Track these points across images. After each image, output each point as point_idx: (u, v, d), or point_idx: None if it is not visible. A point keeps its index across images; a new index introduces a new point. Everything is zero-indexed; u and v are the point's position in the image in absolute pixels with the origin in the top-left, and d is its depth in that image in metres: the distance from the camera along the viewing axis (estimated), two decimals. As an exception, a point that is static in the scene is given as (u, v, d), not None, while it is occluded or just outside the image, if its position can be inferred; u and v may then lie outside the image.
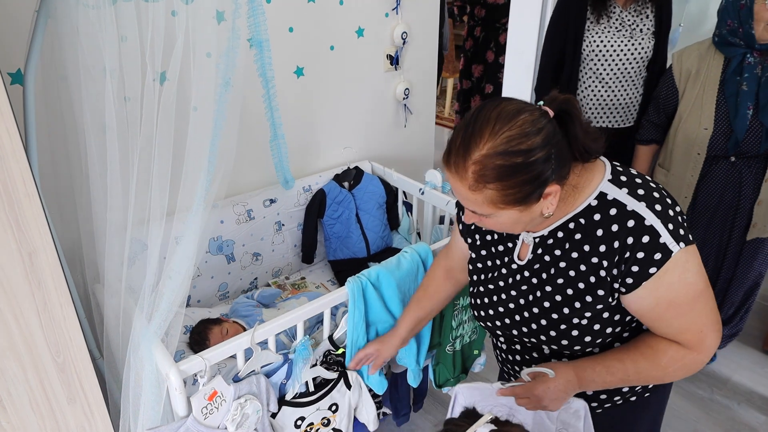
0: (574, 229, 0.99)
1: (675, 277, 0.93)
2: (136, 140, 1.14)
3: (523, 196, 0.89)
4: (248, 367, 1.28)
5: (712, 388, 2.35)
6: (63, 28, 1.13)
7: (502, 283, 1.11)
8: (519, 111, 0.88)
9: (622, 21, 2.21)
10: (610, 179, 0.98)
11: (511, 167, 0.86)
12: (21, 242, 0.93)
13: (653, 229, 0.92)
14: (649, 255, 0.92)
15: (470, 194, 0.91)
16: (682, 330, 0.98)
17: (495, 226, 0.98)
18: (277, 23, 1.81)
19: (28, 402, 1.03)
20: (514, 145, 0.86)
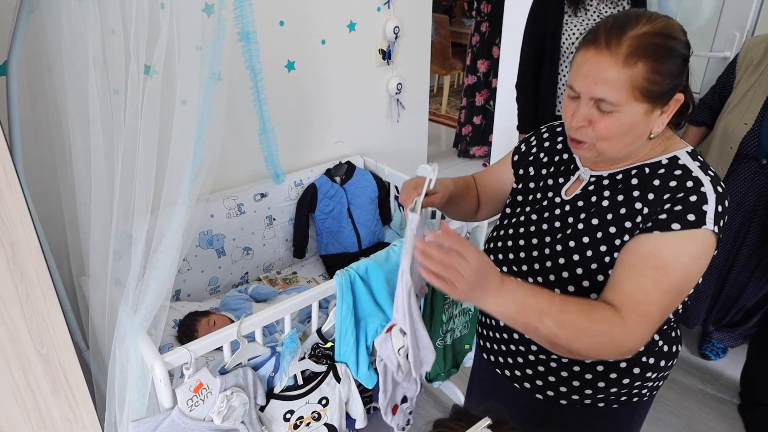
0: (635, 175, 0.98)
1: (689, 253, 0.90)
2: (120, 133, 1.14)
3: (662, 91, 0.89)
4: (235, 359, 1.29)
5: (704, 383, 2.36)
6: (47, 20, 1.13)
7: (535, 217, 1.09)
8: (667, 16, 0.91)
9: (600, 13, 2.22)
10: (689, 152, 0.98)
11: (668, 49, 0.88)
12: (2, 233, 0.93)
13: (705, 195, 0.90)
14: (685, 212, 0.90)
15: (618, 70, 0.88)
16: (638, 299, 0.90)
17: (608, 128, 0.93)
18: (267, 17, 1.81)
19: (12, 393, 1.03)
20: (672, 31, 0.88)
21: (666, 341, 1.07)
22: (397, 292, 1.12)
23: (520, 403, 1.16)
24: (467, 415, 0.86)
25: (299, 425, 1.48)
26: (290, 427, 1.46)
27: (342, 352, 1.48)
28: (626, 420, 1.14)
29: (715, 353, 2.43)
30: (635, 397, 1.09)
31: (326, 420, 1.54)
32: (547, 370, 1.09)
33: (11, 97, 1.12)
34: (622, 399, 1.08)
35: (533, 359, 1.10)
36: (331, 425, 1.56)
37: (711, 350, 2.43)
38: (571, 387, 1.08)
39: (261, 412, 1.40)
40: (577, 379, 1.07)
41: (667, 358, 1.07)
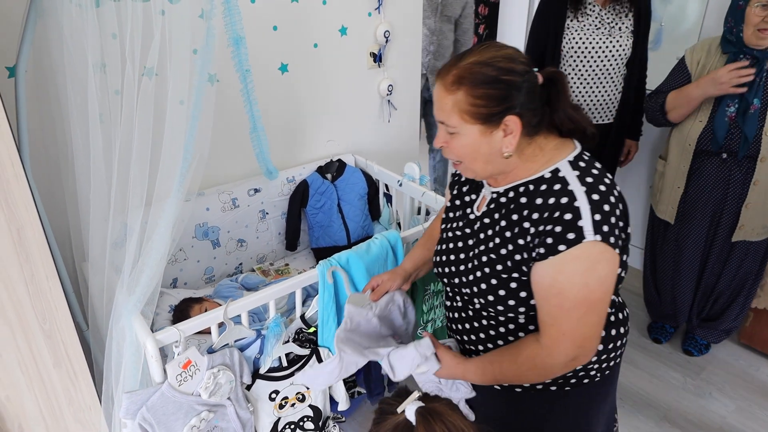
0: (523, 192, 1.07)
1: (579, 272, 0.98)
2: (117, 131, 1.24)
3: (487, 113, 1.00)
4: (222, 340, 1.39)
5: (685, 377, 2.42)
6: (51, 26, 1.23)
7: (459, 233, 1.20)
8: (508, 47, 1.03)
9: (602, 19, 2.27)
10: (570, 161, 1.05)
11: (485, 77, 0.99)
12: (10, 219, 1.04)
13: (578, 210, 0.97)
14: (564, 232, 0.97)
15: (445, 96, 1.02)
16: (553, 322, 1.03)
17: (458, 149, 1.06)
18: (261, 22, 1.91)
19: (18, 364, 1.14)
20: (495, 61, 0.99)
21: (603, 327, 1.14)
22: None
23: (483, 394, 1.26)
24: (405, 392, 0.96)
25: (284, 405, 1.58)
26: (276, 406, 1.56)
27: (324, 337, 1.57)
28: (584, 399, 1.23)
29: (697, 349, 2.50)
30: (585, 379, 1.18)
31: (310, 402, 1.64)
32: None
33: (19, 96, 1.23)
34: (572, 381, 1.17)
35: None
36: (315, 407, 1.66)
37: (694, 346, 2.51)
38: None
39: (248, 390, 1.50)
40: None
41: (606, 342, 1.16)
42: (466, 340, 1.25)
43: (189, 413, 1.34)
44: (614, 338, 1.18)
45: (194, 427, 1.35)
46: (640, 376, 2.44)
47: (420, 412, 0.89)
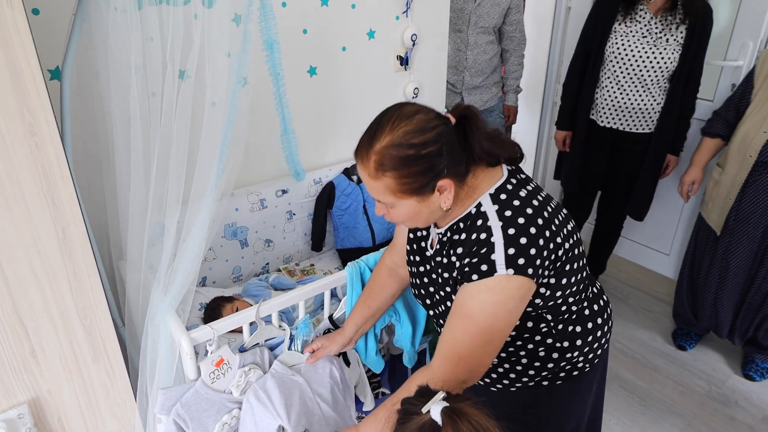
0: (455, 230, 1.12)
1: (490, 302, 1.01)
2: (156, 132, 1.27)
3: (418, 186, 1.02)
4: (253, 339, 1.41)
5: (710, 385, 2.40)
6: (96, 30, 1.27)
7: (422, 269, 1.26)
8: (416, 111, 1.02)
9: (650, 28, 2.23)
10: (491, 193, 1.08)
11: (405, 158, 0.99)
12: (56, 218, 1.07)
13: (492, 245, 1.02)
14: (479, 264, 1.02)
15: (372, 182, 1.04)
16: (450, 342, 1.05)
17: (399, 217, 1.10)
18: (292, 25, 1.93)
19: (59, 358, 1.17)
20: (408, 139, 0.99)
21: (575, 324, 1.20)
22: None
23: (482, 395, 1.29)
24: (429, 392, 0.96)
25: (311, 404, 1.60)
26: (303, 405, 1.58)
27: (352, 338, 1.59)
28: (575, 389, 1.30)
29: (759, 374, 2.40)
30: (575, 371, 1.24)
31: (337, 401, 1.66)
32: (489, 369, 1.26)
33: (64, 98, 1.26)
34: (561, 375, 1.24)
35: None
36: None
37: (755, 371, 2.41)
38: (510, 378, 1.26)
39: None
40: (513, 372, 1.24)
41: (586, 335, 1.22)
42: None
43: (221, 410, 1.36)
44: (594, 329, 1.23)
45: (225, 423, 1.37)
46: (663, 383, 2.42)
47: (446, 412, 0.89)
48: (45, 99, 0.98)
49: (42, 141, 1.00)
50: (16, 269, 1.05)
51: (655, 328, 2.77)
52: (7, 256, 1.03)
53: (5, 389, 1.12)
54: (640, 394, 2.37)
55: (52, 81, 1.48)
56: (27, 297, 1.08)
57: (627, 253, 3.26)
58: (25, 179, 1.00)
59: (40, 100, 0.98)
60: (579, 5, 3.12)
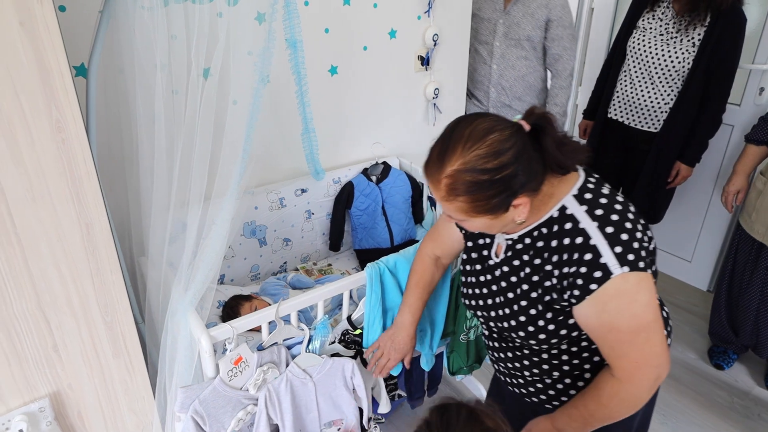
0: (537, 237, 1.08)
1: (623, 305, 0.98)
2: (180, 129, 1.27)
3: (491, 208, 0.98)
4: (271, 338, 1.41)
5: (732, 396, 2.35)
6: (121, 27, 1.27)
7: (482, 278, 1.22)
8: (490, 130, 0.95)
9: (668, 27, 2.20)
10: (575, 194, 1.04)
11: (478, 183, 0.95)
12: (80, 214, 1.08)
13: (596, 248, 0.98)
14: (590, 272, 0.98)
15: (445, 203, 1.01)
16: (619, 356, 1.04)
17: (471, 228, 1.08)
18: (314, 25, 1.93)
19: (80, 353, 1.18)
20: (482, 164, 0.94)
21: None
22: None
23: (520, 405, 1.31)
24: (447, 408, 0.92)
25: (327, 404, 1.60)
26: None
27: (370, 339, 1.58)
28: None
29: None
30: None
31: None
32: (545, 386, 1.24)
33: (90, 95, 1.27)
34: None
35: (520, 374, 1.27)
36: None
37: None
38: (549, 395, 1.24)
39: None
40: (573, 388, 1.21)
41: None
42: (506, 366, 1.29)
43: (237, 407, 1.36)
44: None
45: (241, 420, 1.37)
46: (683, 393, 2.37)
47: None
48: (72, 96, 0.99)
49: (68, 137, 1.01)
50: (41, 265, 1.06)
51: (675, 337, 2.72)
52: (33, 252, 1.04)
53: (27, 383, 1.13)
54: (658, 403, 2.32)
55: (77, 78, 1.49)
56: (51, 292, 1.09)
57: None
58: (51, 175, 1.01)
59: (67, 97, 0.98)
60: (602, 6, 3.07)
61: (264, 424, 1.38)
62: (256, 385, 1.35)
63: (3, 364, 1.08)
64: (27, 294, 1.06)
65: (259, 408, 1.37)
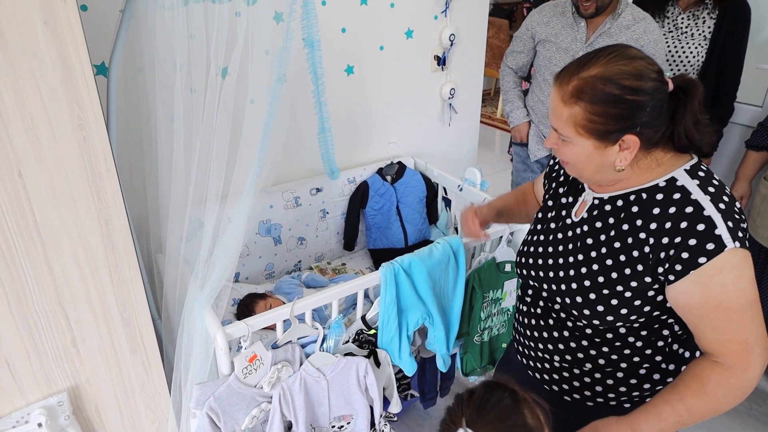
0: (633, 201, 1.01)
1: (729, 279, 0.92)
2: (198, 128, 1.28)
3: (605, 131, 0.94)
4: (286, 336, 1.42)
5: (750, 403, 2.31)
6: (142, 27, 1.29)
7: (551, 237, 1.15)
8: (641, 57, 0.94)
9: (677, 24, 2.19)
10: (687, 170, 0.99)
11: (607, 95, 0.92)
12: (100, 210, 1.09)
13: (711, 219, 0.92)
14: (702, 244, 0.92)
15: (561, 107, 0.96)
16: (727, 338, 0.95)
17: (569, 156, 1.02)
18: (331, 24, 1.93)
19: (98, 348, 1.19)
20: (622, 78, 0.91)
21: (687, 348, 1.11)
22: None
23: (551, 403, 1.22)
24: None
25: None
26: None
27: (384, 339, 1.58)
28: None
29: None
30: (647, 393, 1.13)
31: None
32: (572, 375, 1.16)
33: (110, 94, 1.29)
34: (648, 400, 1.10)
35: (558, 365, 1.18)
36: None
37: None
38: (594, 391, 1.15)
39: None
40: (599, 384, 1.13)
41: (687, 363, 1.11)
42: (540, 348, 1.20)
43: (251, 404, 1.37)
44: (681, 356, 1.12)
45: (254, 417, 1.38)
46: (701, 398, 2.34)
47: None
48: (94, 94, 1.00)
49: (89, 135, 1.02)
50: (61, 261, 1.07)
51: (692, 341, 2.67)
52: (53, 248, 1.05)
53: (47, 377, 1.15)
54: (675, 408, 2.29)
55: (98, 76, 1.51)
56: (70, 288, 1.11)
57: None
58: (72, 172, 1.02)
59: (89, 95, 0.99)
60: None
61: (278, 421, 1.38)
62: (270, 383, 1.35)
63: (23, 357, 1.10)
64: (47, 289, 1.08)
65: (273, 406, 1.38)
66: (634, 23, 1.94)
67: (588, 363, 1.12)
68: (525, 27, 2.14)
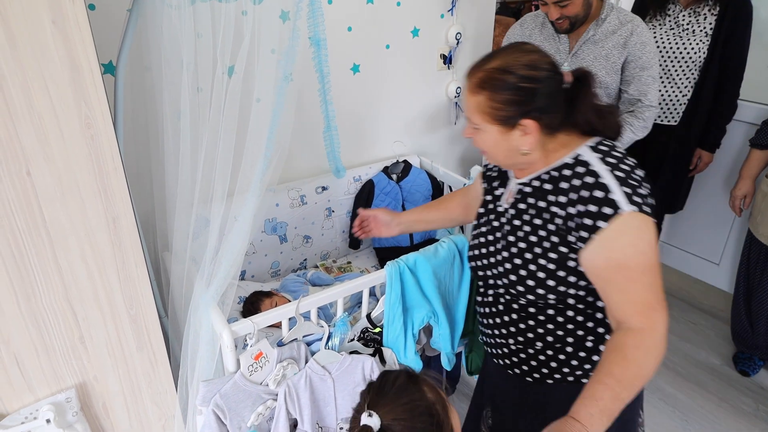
0: (546, 179, 1.14)
1: (628, 241, 1.02)
2: (205, 127, 1.29)
3: (504, 116, 1.07)
4: (291, 334, 1.42)
5: (757, 403, 2.30)
6: (149, 26, 1.29)
7: (490, 227, 1.27)
8: (536, 51, 1.08)
9: (678, 21, 2.19)
10: (591, 146, 1.11)
11: (505, 83, 1.05)
12: (107, 208, 1.10)
13: (606, 186, 1.03)
14: (600, 209, 1.02)
15: (469, 97, 1.11)
16: (632, 299, 1.02)
17: (482, 143, 1.15)
18: (337, 23, 1.93)
19: (105, 345, 1.20)
20: (516, 68, 1.05)
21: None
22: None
23: (517, 387, 1.31)
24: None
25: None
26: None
27: (389, 338, 1.58)
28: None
29: None
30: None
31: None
32: (528, 356, 1.25)
33: (118, 92, 1.30)
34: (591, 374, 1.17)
35: (514, 348, 1.27)
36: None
37: None
38: (550, 368, 1.23)
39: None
40: (553, 360, 1.22)
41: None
42: (496, 334, 1.30)
43: (256, 401, 1.37)
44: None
45: (260, 414, 1.39)
46: (707, 398, 2.33)
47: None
48: (101, 93, 1.01)
49: (97, 133, 1.03)
50: (68, 258, 1.08)
51: (699, 342, 2.67)
52: (61, 246, 1.06)
53: (55, 373, 1.16)
54: (681, 408, 2.28)
55: (105, 75, 1.52)
56: (78, 285, 1.12)
57: (670, 260, 3.15)
58: (80, 170, 1.03)
59: (96, 94, 1.00)
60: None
61: (283, 419, 1.39)
62: (275, 381, 1.36)
63: (32, 354, 1.11)
64: (55, 286, 1.09)
65: (278, 403, 1.38)
66: (620, 27, 1.84)
67: (538, 342, 1.21)
68: (507, 40, 2.05)
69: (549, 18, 1.81)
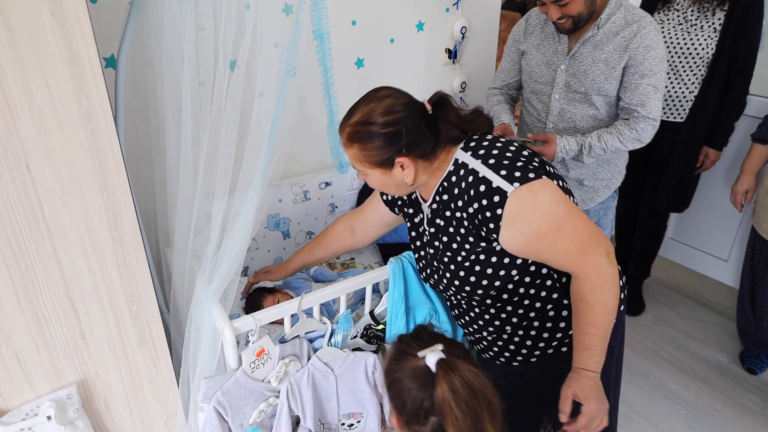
0: (441, 191, 1.23)
1: (528, 212, 1.09)
2: (206, 121, 1.28)
3: (379, 160, 1.16)
4: (294, 331, 1.41)
5: (764, 401, 2.28)
6: (150, 19, 1.28)
7: (425, 250, 1.37)
8: (388, 96, 1.17)
9: (686, 17, 2.17)
10: (462, 147, 1.20)
11: (369, 133, 1.14)
12: (108, 204, 1.09)
13: (486, 179, 1.12)
14: (490, 201, 1.10)
15: (346, 150, 1.20)
16: (564, 255, 1.12)
17: (372, 184, 1.25)
18: (340, 16, 1.92)
19: (107, 341, 1.20)
20: (375, 118, 1.13)
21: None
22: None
23: (509, 375, 1.39)
24: (427, 335, 1.02)
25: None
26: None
27: (392, 335, 1.57)
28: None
29: None
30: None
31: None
32: (504, 342, 1.34)
33: (118, 86, 1.28)
34: (566, 341, 1.30)
35: (491, 339, 1.37)
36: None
37: None
38: (527, 347, 1.32)
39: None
40: (527, 339, 1.31)
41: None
42: (471, 331, 1.42)
43: (258, 398, 1.37)
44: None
45: (262, 411, 1.38)
46: (713, 396, 2.31)
47: (441, 364, 0.92)
48: (102, 86, 0.99)
49: (97, 127, 1.02)
50: (69, 254, 1.07)
51: (706, 339, 2.65)
52: (61, 241, 1.05)
53: (56, 370, 1.15)
54: (686, 406, 2.27)
55: (106, 69, 1.50)
56: (78, 281, 1.11)
57: (677, 256, 3.12)
58: (80, 165, 1.02)
59: (97, 88, 0.99)
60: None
61: (285, 416, 1.38)
62: (278, 378, 1.35)
63: (33, 350, 1.10)
64: (55, 282, 1.08)
65: (280, 400, 1.38)
66: (624, 27, 1.69)
67: (507, 326, 1.30)
68: (512, 38, 2.00)
69: (550, 18, 1.72)
